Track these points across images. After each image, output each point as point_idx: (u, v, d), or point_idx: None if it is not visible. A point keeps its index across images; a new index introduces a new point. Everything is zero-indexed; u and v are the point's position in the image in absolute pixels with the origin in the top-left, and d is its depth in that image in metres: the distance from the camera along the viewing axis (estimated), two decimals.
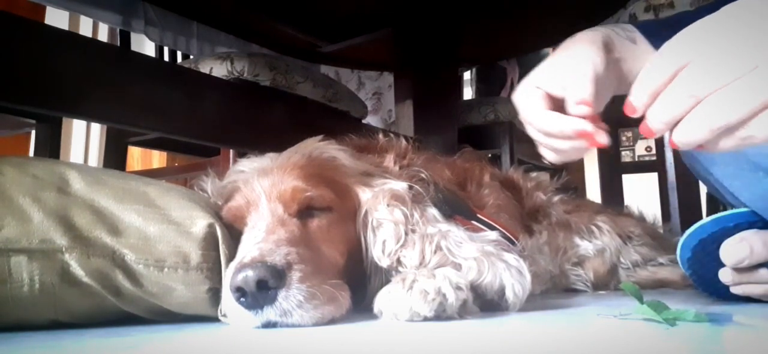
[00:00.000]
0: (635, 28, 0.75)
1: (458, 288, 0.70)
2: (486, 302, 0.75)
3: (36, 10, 2.55)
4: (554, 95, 0.71)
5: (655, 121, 0.56)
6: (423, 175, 0.91)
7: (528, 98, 0.73)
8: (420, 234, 0.79)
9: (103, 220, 0.70)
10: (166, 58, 2.22)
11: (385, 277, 0.80)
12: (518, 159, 2.36)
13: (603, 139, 0.66)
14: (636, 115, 0.61)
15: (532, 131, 0.74)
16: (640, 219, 1.42)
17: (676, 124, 0.55)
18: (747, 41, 0.50)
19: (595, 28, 0.75)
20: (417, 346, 0.53)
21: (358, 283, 0.79)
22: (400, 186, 0.85)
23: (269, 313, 0.65)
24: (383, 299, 0.72)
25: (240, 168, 0.86)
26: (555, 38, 2.46)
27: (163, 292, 0.70)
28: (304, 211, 0.78)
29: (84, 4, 1.93)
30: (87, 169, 0.76)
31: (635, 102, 0.58)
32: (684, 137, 0.54)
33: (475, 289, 0.74)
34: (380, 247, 0.80)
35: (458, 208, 0.90)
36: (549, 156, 0.74)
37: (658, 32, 0.63)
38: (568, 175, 1.46)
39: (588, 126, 0.66)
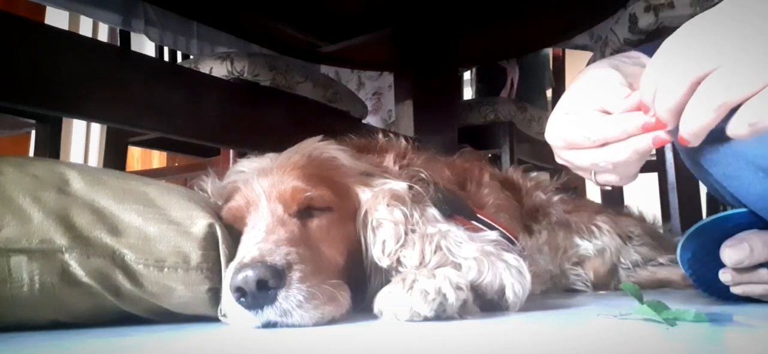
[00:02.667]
0: (640, 54, 0.74)
1: (458, 288, 0.69)
2: (486, 302, 0.75)
3: (36, 10, 2.55)
4: (591, 110, 0.67)
5: (688, 134, 0.56)
6: (423, 175, 0.91)
7: (565, 123, 0.69)
8: (420, 234, 0.79)
9: (103, 220, 0.69)
10: (166, 58, 2.22)
11: (385, 277, 0.80)
12: (518, 159, 2.36)
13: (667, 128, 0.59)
14: (648, 114, 0.60)
15: (577, 159, 0.69)
16: (640, 219, 1.42)
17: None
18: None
19: (601, 60, 0.72)
20: (417, 346, 0.53)
21: (358, 283, 0.79)
22: (400, 186, 0.85)
23: (269, 313, 0.65)
24: (383, 299, 0.72)
25: (240, 168, 0.86)
26: (554, 38, 2.46)
27: (163, 292, 0.70)
28: (304, 211, 0.78)
29: (84, 4, 1.93)
30: (87, 169, 0.76)
31: (658, 110, 0.57)
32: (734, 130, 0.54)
33: (475, 289, 0.74)
34: (380, 247, 0.80)
35: (458, 208, 0.90)
36: (608, 176, 0.68)
37: None
38: (568, 175, 1.46)
39: (650, 117, 0.60)
